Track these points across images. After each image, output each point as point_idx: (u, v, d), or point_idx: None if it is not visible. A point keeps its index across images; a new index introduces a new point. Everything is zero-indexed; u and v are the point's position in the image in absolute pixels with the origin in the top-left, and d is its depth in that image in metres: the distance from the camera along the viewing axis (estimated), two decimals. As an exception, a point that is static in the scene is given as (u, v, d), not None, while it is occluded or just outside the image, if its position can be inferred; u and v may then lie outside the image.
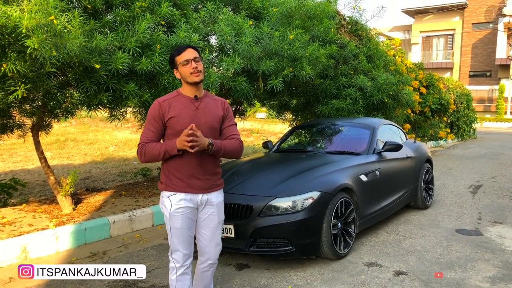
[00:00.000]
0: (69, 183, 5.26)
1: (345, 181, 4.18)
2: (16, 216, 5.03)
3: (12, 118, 5.57)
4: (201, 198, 2.68)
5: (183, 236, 2.67)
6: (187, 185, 2.63)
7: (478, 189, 7.55)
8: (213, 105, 2.73)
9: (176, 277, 2.71)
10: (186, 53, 2.60)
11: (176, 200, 2.63)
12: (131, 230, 5.04)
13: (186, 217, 2.65)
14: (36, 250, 4.16)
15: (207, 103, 2.71)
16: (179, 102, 2.65)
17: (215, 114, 2.71)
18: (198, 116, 2.64)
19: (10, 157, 11.53)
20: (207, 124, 2.65)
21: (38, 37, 3.27)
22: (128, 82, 4.61)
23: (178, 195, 2.63)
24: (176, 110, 2.62)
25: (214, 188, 2.74)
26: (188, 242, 2.70)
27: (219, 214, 2.78)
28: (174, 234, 2.67)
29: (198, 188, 2.66)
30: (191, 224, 2.70)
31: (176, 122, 2.60)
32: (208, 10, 5.70)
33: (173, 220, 2.65)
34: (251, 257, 4.16)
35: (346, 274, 3.75)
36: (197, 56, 2.61)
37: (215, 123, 2.70)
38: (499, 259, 4.13)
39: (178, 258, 2.70)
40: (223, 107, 2.78)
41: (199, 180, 2.65)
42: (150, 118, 2.66)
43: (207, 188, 2.69)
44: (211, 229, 2.76)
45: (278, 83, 5.67)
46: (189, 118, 2.61)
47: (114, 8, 4.76)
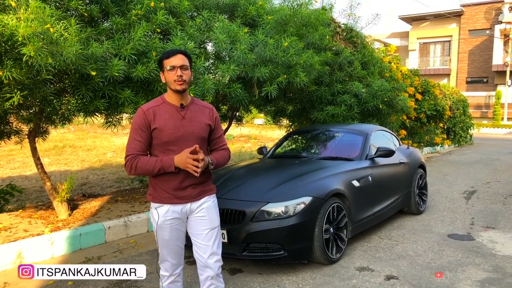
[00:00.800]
0: (65, 189, 5.30)
1: (337, 186, 4.24)
2: (12, 221, 5.06)
3: (9, 125, 5.62)
4: (190, 206, 2.63)
5: (172, 247, 2.65)
6: (173, 196, 2.58)
7: (472, 194, 7.60)
8: (200, 113, 2.65)
9: (167, 285, 2.72)
10: (174, 58, 2.51)
11: (163, 212, 2.58)
12: (126, 236, 5.08)
13: (174, 228, 2.62)
14: (31, 255, 4.20)
15: (194, 112, 2.62)
16: (165, 111, 2.56)
17: (202, 122, 2.63)
18: (185, 126, 2.56)
19: (8, 163, 11.57)
20: (194, 133, 2.58)
21: (34, 45, 3.33)
22: (124, 89, 4.66)
23: (165, 206, 2.58)
24: (162, 119, 2.53)
25: (203, 194, 2.67)
26: (177, 252, 2.69)
27: (211, 219, 2.66)
28: (163, 245, 2.65)
29: (186, 198, 2.60)
30: (180, 235, 2.66)
31: (161, 133, 2.52)
32: (204, 18, 5.77)
33: (161, 231, 2.61)
34: (244, 262, 4.20)
35: (337, 278, 3.80)
36: (185, 64, 2.52)
37: (202, 133, 2.63)
38: (490, 263, 4.17)
39: (167, 267, 2.70)
40: (210, 115, 2.70)
41: (185, 191, 2.59)
42: (136, 128, 2.55)
43: (195, 196, 2.63)
44: (204, 236, 2.63)
45: (272, 89, 5.74)
46: (175, 128, 2.53)
47: (110, 16, 4.83)
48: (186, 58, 2.56)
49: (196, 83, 5.06)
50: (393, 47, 13.72)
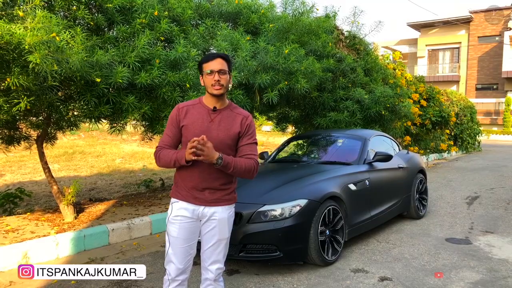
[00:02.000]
0: (71, 193, 5.46)
1: (333, 189, 4.33)
2: (19, 224, 5.22)
3: (18, 130, 5.81)
4: (203, 210, 2.60)
5: (179, 247, 2.59)
6: (191, 195, 2.59)
7: (475, 200, 7.62)
8: (231, 120, 2.60)
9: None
10: (213, 62, 2.50)
11: (177, 207, 2.61)
12: (129, 238, 5.21)
13: (184, 227, 2.59)
14: (37, 256, 4.34)
15: (224, 117, 2.60)
16: (197, 111, 2.60)
17: (230, 129, 2.58)
18: (211, 128, 2.55)
19: (19, 168, 11.79)
20: (218, 138, 2.54)
21: (40, 52, 3.49)
22: (128, 95, 4.82)
23: (180, 203, 2.61)
24: (191, 118, 2.58)
25: (220, 202, 2.61)
26: (184, 255, 2.61)
27: (221, 231, 2.63)
28: (170, 242, 2.62)
29: (201, 200, 2.59)
30: (189, 236, 2.61)
31: (188, 131, 2.56)
32: (207, 26, 5.94)
33: (170, 226, 2.62)
34: (241, 262, 4.30)
35: (332, 279, 3.88)
36: (223, 68, 2.51)
37: (228, 139, 2.58)
38: (484, 266, 4.23)
39: (171, 270, 2.62)
40: (242, 123, 2.62)
41: (202, 193, 2.58)
42: (168, 123, 2.65)
43: (210, 201, 2.59)
44: (211, 245, 2.64)
45: (273, 95, 5.86)
46: (201, 129, 2.54)
47: (115, 24, 5.01)
48: (225, 62, 2.55)
49: (199, 89, 5.20)
50: (398, 54, 13.78)
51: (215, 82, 2.49)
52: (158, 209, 6.08)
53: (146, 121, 5.74)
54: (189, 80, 5.07)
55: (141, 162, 12.98)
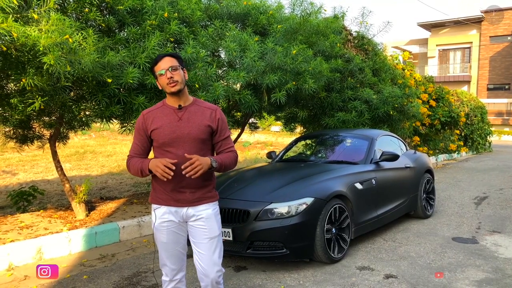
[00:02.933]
0: (83, 191, 5.58)
1: (339, 188, 4.39)
2: (33, 220, 5.36)
3: (32, 130, 5.95)
4: (186, 211, 2.57)
5: (170, 251, 2.60)
6: (171, 198, 2.55)
7: (483, 200, 7.62)
8: (199, 115, 2.58)
9: None
10: (161, 62, 2.50)
11: (160, 213, 2.58)
12: (139, 235, 5.32)
13: (172, 231, 2.58)
14: (50, 252, 4.47)
15: (192, 113, 2.57)
16: (163, 113, 2.57)
17: (201, 123, 2.56)
18: (181, 127, 2.53)
19: (32, 168, 11.99)
20: (190, 135, 2.53)
21: (54, 54, 3.60)
22: (138, 95, 4.92)
23: (162, 208, 2.58)
24: (159, 122, 2.55)
25: (202, 201, 2.60)
26: (177, 256, 2.63)
27: (210, 229, 2.59)
28: (161, 248, 2.62)
29: (183, 201, 2.56)
30: (179, 239, 2.61)
31: (158, 134, 2.54)
32: (216, 27, 6.02)
33: (158, 234, 2.60)
34: (248, 259, 4.38)
35: (337, 276, 3.94)
36: (174, 64, 2.48)
37: (201, 134, 2.55)
38: (490, 265, 4.26)
39: (167, 272, 2.65)
40: (212, 116, 2.60)
41: (182, 194, 2.55)
42: (136, 131, 2.64)
43: (192, 201, 2.57)
44: (204, 245, 2.58)
45: (281, 96, 5.92)
46: (171, 130, 2.52)
47: (126, 26, 5.12)
48: (174, 59, 2.52)
49: (208, 89, 5.29)
50: (407, 54, 13.76)
51: (169, 79, 2.47)
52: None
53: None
54: (198, 81, 5.15)
55: (151, 162, 13.09)
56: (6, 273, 4.02)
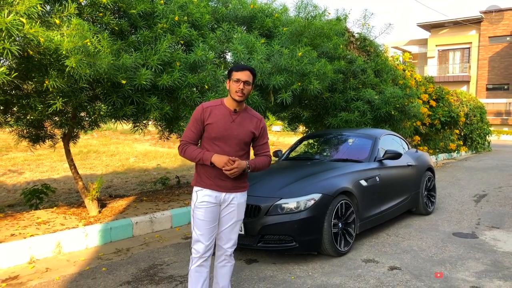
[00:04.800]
0: (95, 188, 5.78)
1: (345, 185, 4.60)
2: (49, 217, 5.55)
3: (44, 129, 6.14)
4: (224, 196, 3.00)
5: (205, 228, 2.97)
6: (214, 183, 2.97)
7: (482, 198, 7.83)
8: (248, 121, 3.05)
9: (195, 268, 3.00)
10: (241, 73, 2.92)
11: (202, 194, 2.99)
12: (151, 231, 5.51)
13: (209, 210, 2.97)
14: (68, 246, 4.66)
15: (243, 118, 3.03)
16: (220, 111, 2.99)
17: (248, 129, 3.02)
18: (232, 128, 2.97)
19: (37, 167, 12.16)
20: (238, 136, 2.98)
21: (75, 57, 3.79)
22: (151, 96, 5.11)
23: (204, 190, 2.99)
24: (215, 118, 2.96)
25: (238, 189, 3.05)
26: (209, 234, 2.99)
27: (239, 214, 3.09)
28: (197, 225, 2.99)
29: (223, 188, 2.98)
30: (214, 218, 3.00)
31: (212, 128, 2.95)
32: (223, 30, 6.22)
33: (196, 211, 2.99)
34: (259, 252, 4.58)
35: (344, 268, 4.15)
36: (249, 80, 2.93)
37: (246, 138, 3.02)
38: (489, 258, 4.46)
39: (199, 248, 2.99)
40: (257, 125, 3.09)
41: (224, 181, 2.98)
42: (193, 120, 3.02)
43: (230, 188, 3.00)
44: (229, 225, 3.07)
45: (287, 96, 6.12)
46: (224, 128, 2.95)
47: (138, 29, 5.31)
48: (251, 75, 2.98)
49: (216, 90, 5.48)
50: (407, 55, 13.96)
51: (239, 89, 2.91)
52: (177, 204, 6.38)
53: (165, 121, 6.03)
54: (207, 82, 5.35)
55: (155, 161, 13.30)
56: (28, 266, 4.22)
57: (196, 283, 3.01)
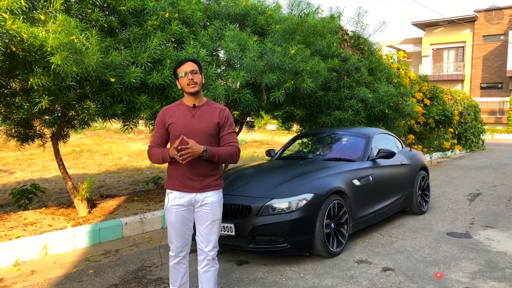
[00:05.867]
0: (85, 188, 5.67)
1: (338, 184, 4.53)
2: (36, 217, 5.44)
3: (33, 128, 6.02)
4: (195, 196, 2.93)
5: (176, 230, 2.98)
6: (182, 184, 2.93)
7: (476, 197, 7.79)
8: (210, 113, 2.97)
9: (173, 265, 3.07)
10: (184, 66, 2.90)
11: (172, 197, 2.96)
12: (142, 231, 5.42)
13: (180, 214, 2.95)
14: (55, 247, 4.57)
15: (204, 111, 2.96)
16: (179, 110, 2.98)
17: (210, 121, 2.94)
18: (193, 123, 2.92)
19: (29, 167, 12.02)
20: (201, 130, 2.90)
21: (61, 54, 3.69)
22: (140, 94, 5.02)
23: (174, 193, 2.96)
24: (176, 117, 2.95)
25: (209, 188, 2.96)
26: (181, 236, 3.00)
27: (214, 213, 2.98)
28: (169, 227, 3.02)
29: (192, 188, 2.92)
30: (185, 221, 2.98)
31: (173, 127, 2.94)
32: (215, 27, 6.13)
33: (168, 214, 3.00)
34: (250, 253, 4.50)
35: (337, 269, 4.08)
36: (195, 68, 2.89)
37: (210, 130, 2.93)
38: (483, 258, 4.41)
39: (173, 248, 3.04)
40: (220, 115, 2.99)
41: (192, 181, 2.92)
42: (156, 125, 3.07)
43: (199, 188, 2.93)
44: (206, 226, 2.98)
45: (280, 95, 6.04)
46: (184, 124, 2.91)
47: (128, 26, 5.21)
48: (195, 64, 2.95)
49: (208, 88, 5.40)
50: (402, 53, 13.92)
51: (190, 81, 2.88)
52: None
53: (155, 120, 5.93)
54: (199, 80, 5.25)
55: (148, 160, 13.13)
56: (13, 268, 4.12)
57: (176, 277, 3.09)
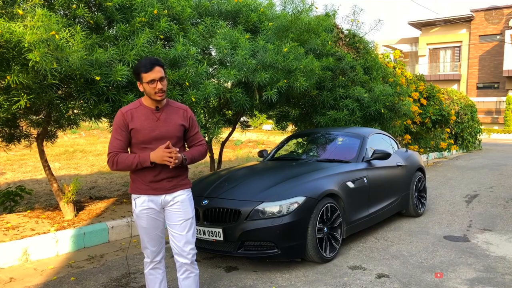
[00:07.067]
0: (71, 190, 5.49)
1: (331, 187, 4.35)
2: (19, 221, 5.25)
3: (19, 128, 5.83)
4: (164, 198, 2.83)
5: (151, 235, 2.86)
6: (150, 188, 2.79)
7: (474, 198, 7.64)
8: (174, 115, 2.85)
9: (148, 271, 2.95)
10: (153, 72, 2.66)
11: (140, 202, 2.81)
12: (129, 235, 5.24)
13: (151, 217, 2.83)
14: (37, 253, 4.38)
15: (168, 113, 2.83)
16: (141, 113, 2.77)
17: (177, 123, 2.84)
18: (159, 126, 2.78)
19: (20, 167, 11.83)
20: (169, 133, 2.79)
21: (40, 50, 3.51)
22: (127, 93, 4.83)
23: (142, 197, 2.81)
24: (138, 121, 2.75)
25: (178, 188, 2.86)
26: (155, 240, 2.89)
27: (185, 212, 2.87)
28: (142, 232, 2.87)
29: (160, 190, 2.81)
30: (157, 224, 2.87)
31: (138, 133, 2.74)
32: (206, 24, 5.95)
33: (139, 220, 2.85)
34: (240, 260, 4.33)
35: (329, 276, 3.91)
36: (162, 75, 2.69)
37: (177, 132, 2.84)
38: (482, 263, 4.25)
39: (148, 254, 2.92)
40: (184, 116, 2.90)
41: (160, 183, 2.80)
42: (116, 128, 2.78)
43: (169, 188, 2.83)
44: (179, 226, 2.85)
45: (273, 94, 5.87)
46: (150, 129, 2.75)
47: (115, 23, 5.03)
48: (162, 69, 2.73)
49: (198, 87, 5.22)
50: (398, 53, 13.78)
51: (159, 90, 2.69)
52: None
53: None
54: (189, 78, 5.09)
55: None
56: (-9, 275, 3.93)
57: (153, 285, 2.97)
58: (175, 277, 3.02)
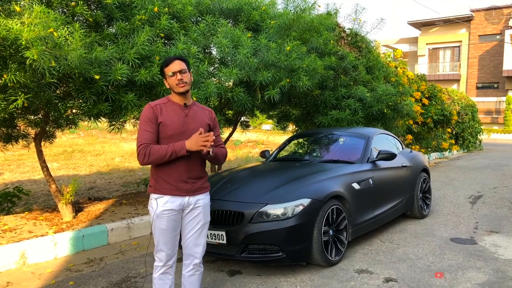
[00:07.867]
0: (69, 191, 5.38)
1: (337, 188, 4.25)
2: (17, 223, 5.14)
3: (16, 128, 5.72)
4: (188, 200, 2.82)
5: (168, 237, 2.81)
6: (175, 188, 2.77)
7: (478, 199, 7.55)
8: (201, 113, 2.93)
9: (158, 276, 2.88)
10: (173, 65, 2.77)
11: (163, 202, 2.77)
12: (129, 238, 5.13)
13: (171, 219, 2.79)
14: (35, 256, 4.27)
15: (196, 111, 2.90)
16: (170, 108, 2.82)
17: (203, 121, 2.89)
18: (188, 122, 2.82)
19: (18, 167, 11.71)
20: (196, 130, 2.77)
21: (37, 48, 3.40)
22: (127, 93, 4.73)
23: (165, 197, 2.78)
24: (167, 115, 2.78)
25: (200, 190, 2.88)
26: (172, 242, 2.84)
27: (205, 216, 2.92)
28: (159, 234, 2.81)
29: (185, 191, 2.80)
30: (176, 226, 2.84)
31: (167, 127, 2.76)
32: (207, 22, 5.84)
33: (158, 221, 2.78)
34: (243, 263, 4.22)
35: (335, 280, 3.80)
36: (183, 68, 2.77)
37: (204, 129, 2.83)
38: (491, 267, 4.15)
39: (162, 257, 2.85)
40: (210, 116, 2.98)
41: (185, 184, 2.80)
42: (146, 120, 2.77)
43: (193, 190, 2.83)
44: (196, 230, 2.90)
45: (275, 93, 5.77)
46: (179, 124, 2.78)
47: (114, 21, 4.92)
48: (183, 62, 2.80)
49: (199, 87, 5.11)
50: (399, 52, 13.69)
51: (179, 81, 2.76)
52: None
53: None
54: (189, 77, 4.98)
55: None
56: (-13, 280, 3.82)
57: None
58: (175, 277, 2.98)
